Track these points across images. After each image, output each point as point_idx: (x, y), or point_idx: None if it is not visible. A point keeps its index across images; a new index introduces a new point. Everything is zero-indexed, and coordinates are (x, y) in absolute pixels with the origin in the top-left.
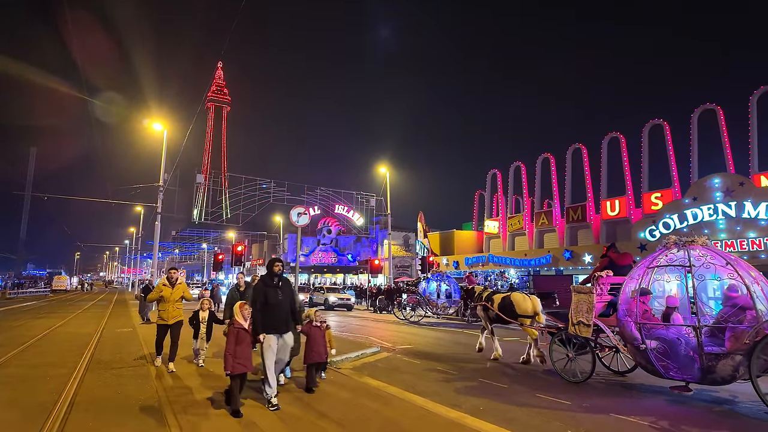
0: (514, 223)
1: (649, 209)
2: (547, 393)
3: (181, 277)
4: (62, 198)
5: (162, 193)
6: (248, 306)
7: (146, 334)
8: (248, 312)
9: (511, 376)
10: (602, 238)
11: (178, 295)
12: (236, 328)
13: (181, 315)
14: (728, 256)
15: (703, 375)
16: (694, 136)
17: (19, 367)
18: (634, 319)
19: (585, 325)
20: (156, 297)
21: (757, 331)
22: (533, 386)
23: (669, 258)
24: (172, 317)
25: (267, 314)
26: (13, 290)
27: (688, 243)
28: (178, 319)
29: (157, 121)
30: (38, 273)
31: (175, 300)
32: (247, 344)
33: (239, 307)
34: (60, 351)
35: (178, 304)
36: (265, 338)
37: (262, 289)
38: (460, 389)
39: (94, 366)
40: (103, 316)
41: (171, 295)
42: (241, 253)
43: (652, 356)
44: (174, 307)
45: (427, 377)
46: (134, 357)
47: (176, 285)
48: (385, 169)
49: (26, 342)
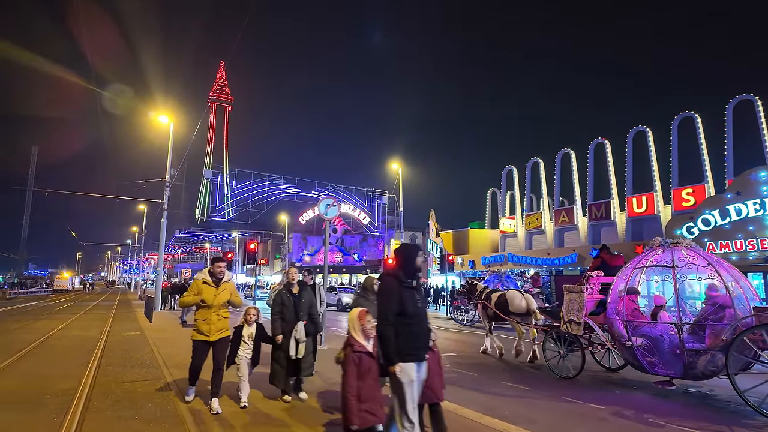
0: (532, 221)
1: (680, 206)
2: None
3: (228, 273)
4: (65, 195)
5: (169, 188)
6: (371, 317)
7: (156, 338)
8: (372, 326)
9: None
10: (628, 236)
11: (224, 299)
12: (358, 352)
13: (227, 328)
14: (710, 258)
15: (685, 370)
16: (729, 128)
17: (13, 381)
18: (621, 318)
19: (575, 323)
20: (193, 302)
21: (734, 329)
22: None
23: (655, 259)
24: (215, 331)
25: (405, 331)
26: (13, 290)
27: (673, 244)
28: (223, 333)
29: (163, 114)
30: (40, 273)
31: (219, 305)
32: (374, 378)
33: (358, 319)
34: (62, 359)
35: (224, 312)
36: (402, 369)
37: (397, 290)
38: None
39: (102, 378)
40: (107, 317)
41: (215, 299)
42: (254, 250)
43: (638, 353)
44: (218, 315)
45: (491, 390)
46: (147, 364)
47: (221, 283)
48: (397, 166)
49: (24, 348)
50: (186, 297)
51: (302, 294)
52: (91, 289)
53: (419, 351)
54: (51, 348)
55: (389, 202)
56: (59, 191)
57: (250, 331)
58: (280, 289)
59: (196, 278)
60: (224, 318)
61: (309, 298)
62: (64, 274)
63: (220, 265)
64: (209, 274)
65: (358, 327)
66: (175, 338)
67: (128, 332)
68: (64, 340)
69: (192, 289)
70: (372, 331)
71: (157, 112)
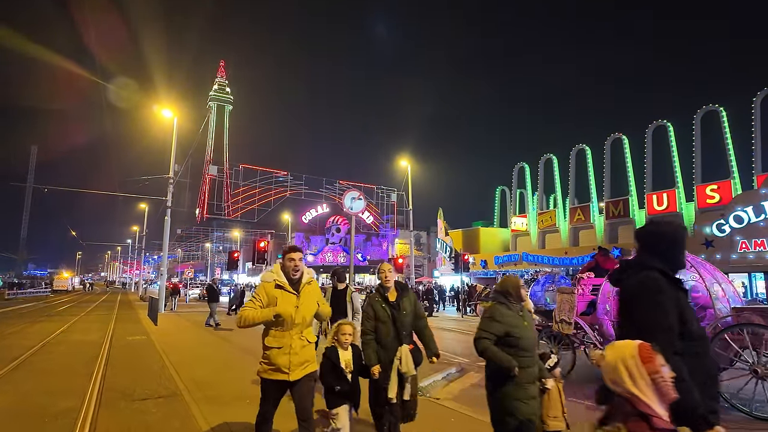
0: (545, 220)
1: (704, 203)
2: None
3: (308, 271)
4: (65, 194)
5: (172, 185)
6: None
7: (163, 343)
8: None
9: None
10: None
11: (310, 312)
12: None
13: (313, 358)
14: (694, 260)
15: None
16: (756, 122)
17: (8, 397)
18: (610, 318)
19: (566, 323)
20: (263, 319)
21: (714, 328)
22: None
23: None
24: (298, 364)
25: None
26: (12, 291)
27: None
28: (308, 367)
29: (166, 107)
30: (39, 273)
31: (304, 322)
32: None
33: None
34: (62, 369)
35: (309, 334)
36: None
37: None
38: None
39: (109, 393)
40: (109, 319)
41: (296, 312)
42: (264, 249)
43: None
44: (302, 340)
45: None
46: (157, 375)
47: (302, 286)
48: (406, 163)
49: (21, 355)
50: (249, 311)
51: (402, 302)
52: (91, 290)
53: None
54: (50, 355)
55: (398, 199)
56: (59, 188)
57: (347, 357)
58: (372, 296)
59: (264, 280)
60: (309, 344)
61: (413, 309)
62: (63, 275)
63: (294, 257)
64: (282, 269)
65: (643, 374)
66: (184, 343)
67: (133, 336)
68: (64, 346)
69: (259, 297)
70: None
71: (161, 105)
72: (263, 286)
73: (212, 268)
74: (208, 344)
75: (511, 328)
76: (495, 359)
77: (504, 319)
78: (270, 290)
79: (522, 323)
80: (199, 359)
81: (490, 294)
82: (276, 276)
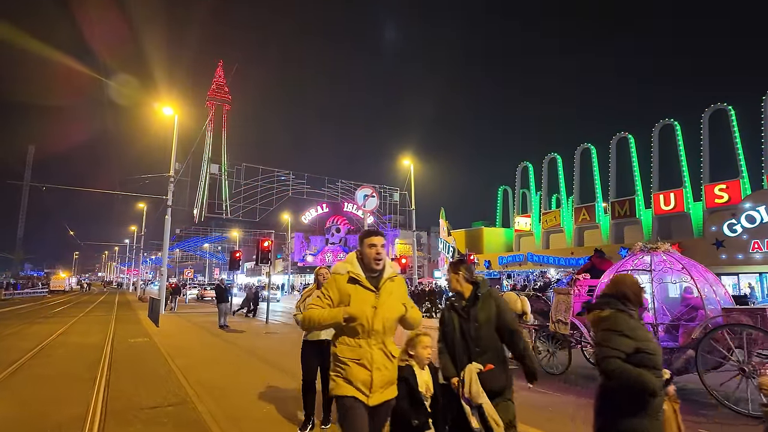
0: (549, 220)
1: (713, 202)
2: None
3: (393, 266)
4: (62, 194)
5: (173, 184)
6: None
7: (167, 346)
8: None
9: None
10: (654, 234)
11: (394, 315)
12: None
13: (393, 378)
14: (687, 262)
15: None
16: (766, 121)
17: (5, 405)
18: None
19: (563, 323)
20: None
21: (705, 327)
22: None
23: (636, 263)
24: (380, 385)
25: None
26: (8, 291)
27: (653, 249)
28: (390, 390)
29: (167, 105)
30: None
31: (385, 327)
32: None
33: None
34: (63, 374)
35: (392, 346)
36: None
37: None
38: None
39: (114, 402)
40: (109, 320)
41: (376, 315)
42: (267, 249)
43: None
44: (384, 351)
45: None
46: (164, 381)
47: (383, 282)
48: (409, 162)
49: (17, 360)
50: (315, 311)
51: (479, 308)
52: (88, 290)
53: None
54: (50, 359)
55: (400, 199)
56: (57, 186)
57: (426, 378)
58: (452, 302)
59: (336, 272)
60: (394, 359)
61: (490, 315)
62: (60, 274)
63: (375, 243)
64: (360, 257)
65: None
66: (188, 346)
67: (135, 338)
68: (63, 349)
69: (328, 293)
70: None
71: (162, 103)
72: (334, 279)
73: (210, 268)
74: (213, 347)
75: (642, 343)
76: (636, 382)
77: (633, 333)
78: (342, 285)
79: (650, 335)
80: (206, 363)
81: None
82: (350, 267)
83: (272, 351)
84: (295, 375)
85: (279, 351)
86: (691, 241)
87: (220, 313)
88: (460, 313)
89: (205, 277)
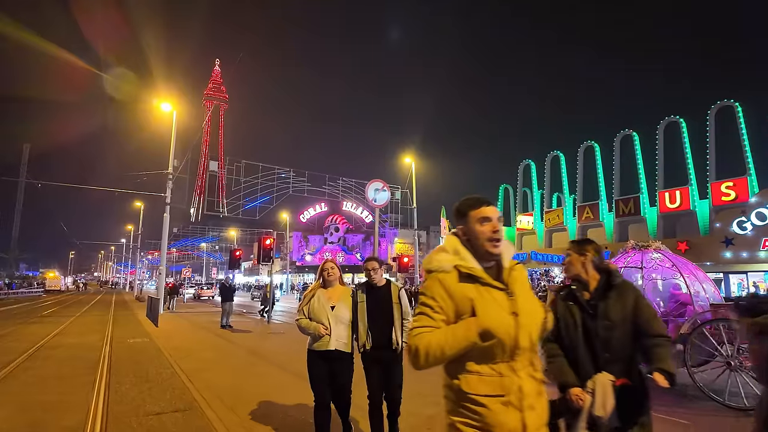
0: (552, 218)
1: (719, 200)
2: None
3: (509, 245)
4: (58, 192)
5: (172, 181)
6: None
7: (168, 347)
8: None
9: None
10: (660, 233)
11: (537, 321)
12: None
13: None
14: (677, 259)
15: None
16: None
17: (1, 411)
18: None
19: None
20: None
21: (693, 323)
22: None
23: (629, 261)
24: (535, 426)
25: None
26: (3, 291)
27: (644, 247)
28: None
29: (166, 101)
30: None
31: (531, 340)
32: None
33: None
34: (61, 377)
35: (539, 366)
36: None
37: None
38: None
39: (117, 406)
40: (106, 320)
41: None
42: (269, 246)
43: None
44: (532, 378)
45: None
46: (167, 384)
47: (509, 273)
48: (410, 159)
49: (12, 361)
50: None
51: (611, 303)
52: (84, 290)
53: None
54: (46, 361)
55: (402, 197)
56: (53, 183)
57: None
58: (571, 291)
59: (438, 268)
60: (542, 383)
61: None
62: (55, 274)
63: (491, 216)
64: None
65: None
66: (190, 346)
67: (134, 339)
68: (61, 350)
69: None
70: None
71: (160, 99)
72: (437, 280)
73: (208, 267)
74: (217, 348)
75: None
76: None
77: None
78: (453, 287)
79: None
80: (211, 365)
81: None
82: (460, 259)
83: (280, 353)
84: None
85: (287, 353)
86: (698, 239)
87: (223, 313)
88: (584, 307)
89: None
